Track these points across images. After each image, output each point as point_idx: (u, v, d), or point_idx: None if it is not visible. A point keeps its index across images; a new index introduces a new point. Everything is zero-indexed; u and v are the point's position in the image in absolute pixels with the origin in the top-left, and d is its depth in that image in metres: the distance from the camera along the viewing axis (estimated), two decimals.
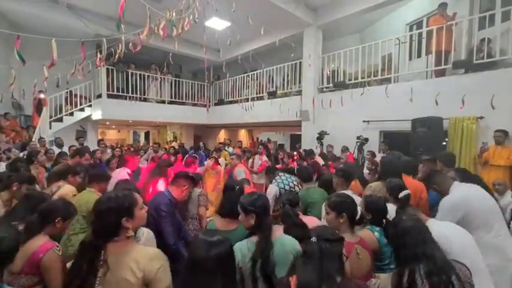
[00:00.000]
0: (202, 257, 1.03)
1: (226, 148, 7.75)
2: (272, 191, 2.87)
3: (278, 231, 1.49)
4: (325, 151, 5.99)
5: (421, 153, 4.30)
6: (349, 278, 1.12)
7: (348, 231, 1.55)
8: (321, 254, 1.04)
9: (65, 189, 2.54)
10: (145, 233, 1.64)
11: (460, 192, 1.96)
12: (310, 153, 5.24)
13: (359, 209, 1.71)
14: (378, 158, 4.13)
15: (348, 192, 2.25)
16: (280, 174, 3.15)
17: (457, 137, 4.39)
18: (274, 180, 3.04)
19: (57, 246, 1.44)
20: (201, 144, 8.06)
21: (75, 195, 2.48)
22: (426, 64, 5.28)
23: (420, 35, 5.50)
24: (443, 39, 4.73)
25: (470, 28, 4.82)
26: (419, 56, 5.70)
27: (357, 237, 1.56)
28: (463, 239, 1.52)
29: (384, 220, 1.75)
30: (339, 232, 1.37)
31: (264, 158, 5.73)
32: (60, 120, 7.21)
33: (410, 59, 5.87)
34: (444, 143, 4.61)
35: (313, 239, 1.10)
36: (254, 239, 1.39)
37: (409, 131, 4.71)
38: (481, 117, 4.21)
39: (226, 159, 6.10)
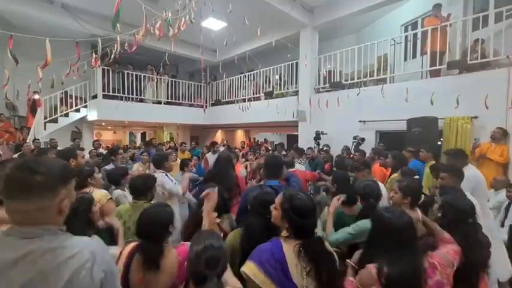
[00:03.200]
0: None
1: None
2: None
3: None
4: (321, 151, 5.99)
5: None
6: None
7: (408, 209, 1.81)
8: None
9: (97, 195, 2.04)
10: None
11: (472, 170, 2.67)
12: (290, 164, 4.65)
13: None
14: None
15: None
16: None
17: (452, 137, 4.44)
18: None
19: None
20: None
21: (110, 198, 2.18)
22: (421, 64, 5.33)
23: (415, 35, 5.55)
24: (438, 40, 4.78)
25: (464, 29, 4.88)
26: (414, 56, 5.75)
27: (417, 214, 1.80)
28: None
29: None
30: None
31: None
32: (55, 121, 7.13)
33: (405, 59, 5.92)
34: (439, 143, 4.65)
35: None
36: None
37: (404, 130, 4.75)
38: (475, 117, 4.26)
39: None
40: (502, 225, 3.29)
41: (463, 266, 1.42)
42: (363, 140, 5.54)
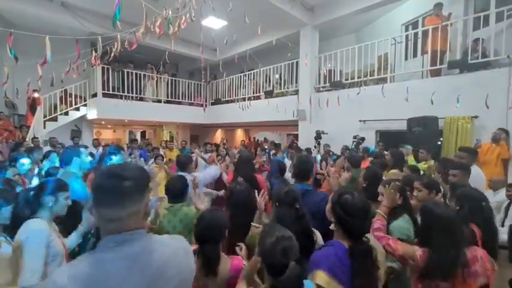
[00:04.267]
0: None
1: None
2: None
3: None
4: (322, 150, 5.99)
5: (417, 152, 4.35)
6: None
7: None
8: None
9: None
10: None
11: (475, 169, 2.84)
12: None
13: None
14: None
15: None
16: None
17: (452, 136, 4.43)
18: None
19: None
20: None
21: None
22: (422, 64, 5.32)
23: (416, 35, 5.54)
24: (439, 40, 4.77)
25: (464, 28, 4.87)
26: (415, 56, 5.74)
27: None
28: None
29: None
30: None
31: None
32: (55, 119, 7.12)
33: (406, 59, 5.91)
34: (439, 143, 4.65)
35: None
36: None
37: (404, 130, 4.75)
38: (476, 117, 4.26)
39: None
40: (502, 225, 3.29)
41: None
42: (363, 139, 5.53)
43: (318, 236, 1.61)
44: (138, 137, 14.00)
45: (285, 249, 1.05)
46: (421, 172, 3.46)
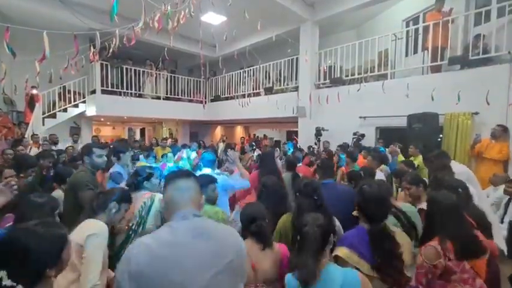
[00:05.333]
0: None
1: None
2: None
3: None
4: (321, 147, 5.99)
5: (422, 151, 4.31)
6: None
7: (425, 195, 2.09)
8: None
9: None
10: None
11: (458, 166, 2.81)
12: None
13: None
14: None
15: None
16: None
17: (452, 133, 4.43)
18: None
19: None
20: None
21: None
22: (422, 60, 5.29)
23: (416, 31, 5.50)
24: (440, 35, 4.74)
25: (466, 24, 4.84)
26: (415, 52, 5.71)
27: None
28: None
29: None
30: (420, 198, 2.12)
31: None
32: (54, 116, 7.09)
33: (406, 55, 5.88)
34: (439, 139, 4.64)
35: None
36: None
37: (405, 126, 4.74)
38: (476, 113, 4.25)
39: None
40: (502, 222, 3.29)
41: None
42: (362, 136, 5.53)
43: (337, 223, 1.82)
44: (138, 134, 13.98)
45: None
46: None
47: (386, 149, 4.61)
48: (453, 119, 4.42)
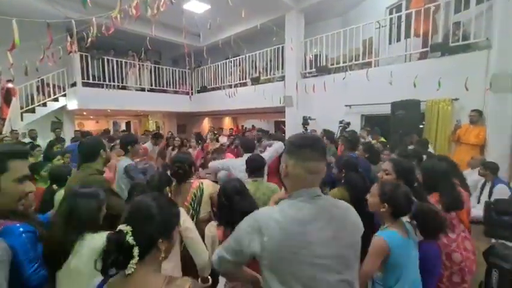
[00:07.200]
0: None
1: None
2: None
3: None
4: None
5: (400, 135, 4.46)
6: None
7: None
8: None
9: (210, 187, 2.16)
10: None
11: None
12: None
13: None
14: None
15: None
16: None
17: (433, 119, 4.56)
18: None
19: None
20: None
21: None
22: (405, 48, 5.36)
23: (399, 18, 5.55)
24: (422, 22, 4.80)
25: (446, 11, 4.90)
26: (398, 39, 5.77)
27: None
28: None
29: None
30: None
31: None
32: (33, 111, 6.82)
33: (390, 43, 5.94)
34: (422, 126, 4.76)
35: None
36: None
37: (389, 114, 4.83)
38: (456, 99, 4.37)
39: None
40: (478, 202, 3.47)
41: None
42: (348, 124, 5.61)
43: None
44: (123, 127, 13.67)
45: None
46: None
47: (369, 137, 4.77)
48: (434, 105, 4.54)
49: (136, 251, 0.80)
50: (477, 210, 3.23)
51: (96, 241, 1.21)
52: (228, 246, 0.99)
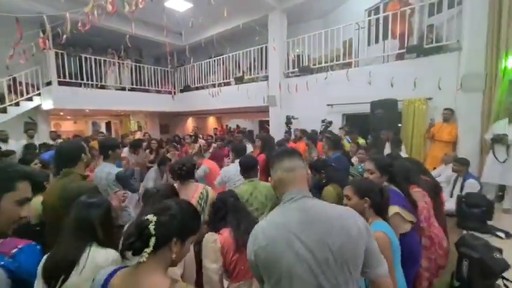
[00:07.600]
0: None
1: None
2: None
3: None
4: (293, 135, 6.11)
5: (379, 133, 4.61)
6: None
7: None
8: None
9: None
10: None
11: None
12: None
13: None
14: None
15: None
16: None
17: (409, 118, 4.75)
18: None
19: None
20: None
21: None
22: (383, 49, 5.55)
23: (377, 20, 5.73)
24: (398, 25, 4.99)
25: (420, 14, 5.13)
26: (377, 41, 5.96)
27: None
28: None
29: None
30: None
31: None
32: (4, 111, 6.44)
33: (368, 44, 6.12)
34: (400, 124, 4.94)
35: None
36: None
37: (368, 113, 4.99)
38: (430, 98, 4.58)
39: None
40: (451, 196, 3.65)
41: None
42: (330, 123, 5.73)
43: None
44: (103, 128, 13.22)
45: None
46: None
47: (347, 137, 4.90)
48: (410, 104, 4.74)
49: (153, 240, 0.84)
50: (450, 204, 3.40)
51: (101, 255, 1.19)
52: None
